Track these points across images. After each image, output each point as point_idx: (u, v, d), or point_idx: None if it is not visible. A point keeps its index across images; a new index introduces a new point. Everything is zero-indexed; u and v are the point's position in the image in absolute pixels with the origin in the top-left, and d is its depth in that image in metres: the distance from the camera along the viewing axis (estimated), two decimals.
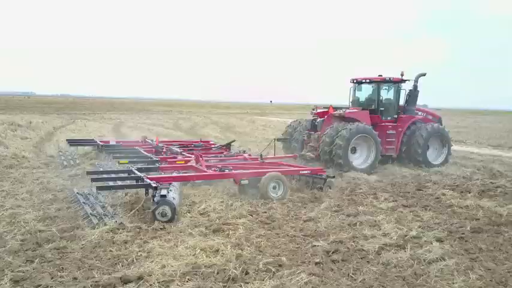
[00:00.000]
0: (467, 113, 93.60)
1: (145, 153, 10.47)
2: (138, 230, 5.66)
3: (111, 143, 12.12)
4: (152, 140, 12.67)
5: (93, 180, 7.14)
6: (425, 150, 12.13)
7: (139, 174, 7.19)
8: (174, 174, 7.91)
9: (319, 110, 12.78)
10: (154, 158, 9.71)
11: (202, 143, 12.90)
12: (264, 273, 4.43)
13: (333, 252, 5.07)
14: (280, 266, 4.63)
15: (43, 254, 4.72)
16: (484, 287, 4.26)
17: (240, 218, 6.34)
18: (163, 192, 6.23)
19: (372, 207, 7.36)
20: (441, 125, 13.13)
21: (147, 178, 6.86)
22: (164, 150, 11.09)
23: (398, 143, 12.21)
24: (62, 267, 4.39)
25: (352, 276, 4.45)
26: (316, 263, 4.77)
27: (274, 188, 7.72)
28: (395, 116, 12.56)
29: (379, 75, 12.35)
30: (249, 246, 5.19)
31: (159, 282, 4.10)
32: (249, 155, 10.64)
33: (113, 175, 7.75)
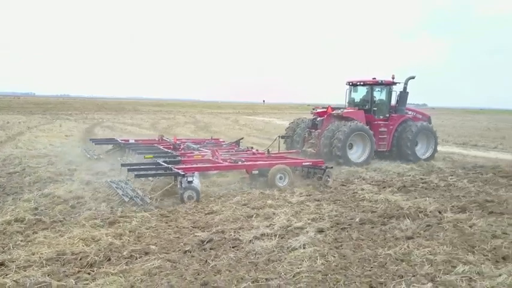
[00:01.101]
0: (464, 112, 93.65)
1: (165, 149, 11.42)
2: (35, 222, 6.00)
3: (130, 141, 13.14)
4: (169, 138, 13.95)
5: (129, 170, 8.06)
6: (414, 146, 13.22)
7: (166, 165, 8.31)
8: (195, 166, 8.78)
9: (318, 110, 13.79)
10: (175, 153, 10.58)
11: (213, 140, 14.03)
12: (126, 259, 4.76)
13: (207, 242, 5.39)
14: (146, 253, 4.96)
15: None
16: (323, 271, 4.55)
17: (140, 212, 6.66)
18: (190, 179, 7.37)
19: (282, 201, 7.67)
20: (430, 123, 14.23)
21: (175, 168, 7.98)
22: (182, 146, 12.02)
23: (390, 139, 13.25)
24: None
25: (208, 262, 4.77)
26: (185, 251, 5.09)
27: (280, 178, 8.78)
28: (387, 115, 13.60)
29: (372, 78, 13.36)
30: (129, 237, 5.52)
31: (18, 267, 4.43)
32: (257, 150, 11.63)
33: (143, 167, 8.55)
